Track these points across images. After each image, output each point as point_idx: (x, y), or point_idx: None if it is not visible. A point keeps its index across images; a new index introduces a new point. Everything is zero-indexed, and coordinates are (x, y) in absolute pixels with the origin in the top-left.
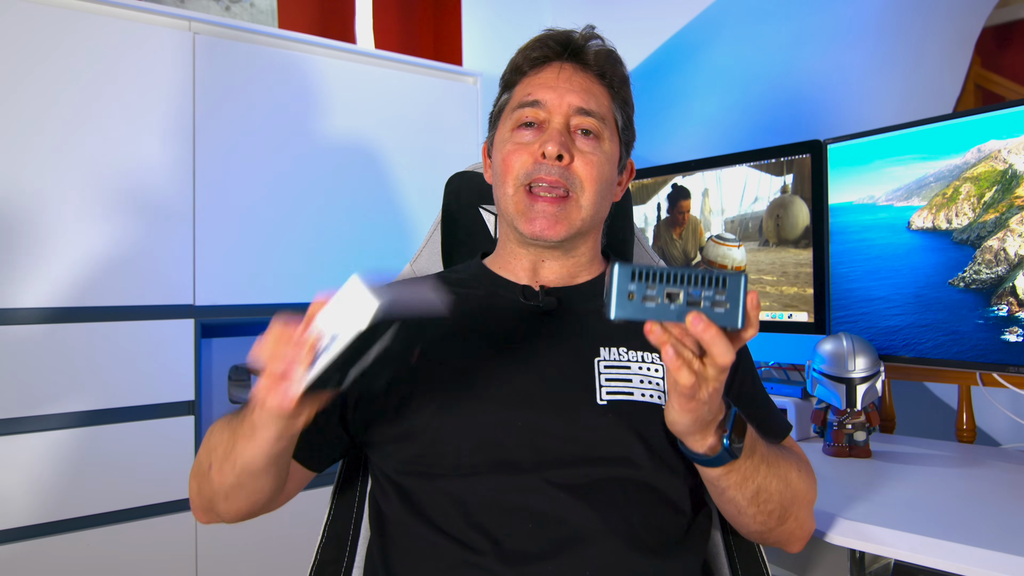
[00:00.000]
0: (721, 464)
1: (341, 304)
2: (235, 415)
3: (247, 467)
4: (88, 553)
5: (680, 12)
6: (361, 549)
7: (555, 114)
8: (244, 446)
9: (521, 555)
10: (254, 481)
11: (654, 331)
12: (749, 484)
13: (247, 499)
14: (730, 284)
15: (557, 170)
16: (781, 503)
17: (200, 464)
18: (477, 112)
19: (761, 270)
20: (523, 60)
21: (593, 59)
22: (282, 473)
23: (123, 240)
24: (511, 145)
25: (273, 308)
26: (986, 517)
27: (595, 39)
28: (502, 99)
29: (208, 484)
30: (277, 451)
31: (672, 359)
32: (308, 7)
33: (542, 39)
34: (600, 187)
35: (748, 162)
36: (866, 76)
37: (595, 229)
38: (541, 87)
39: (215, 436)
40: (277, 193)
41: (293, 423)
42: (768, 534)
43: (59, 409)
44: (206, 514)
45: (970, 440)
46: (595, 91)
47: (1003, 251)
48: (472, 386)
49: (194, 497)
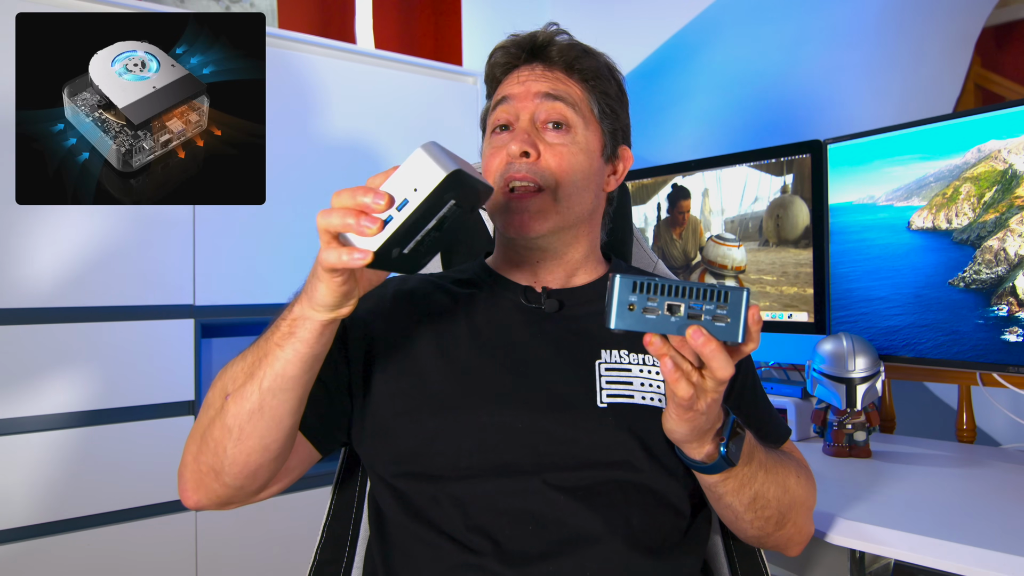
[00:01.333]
0: (718, 471)
1: (412, 169)
2: (258, 339)
3: (278, 377)
4: (88, 553)
5: (680, 12)
6: (360, 549)
7: (523, 109)
8: (278, 352)
9: (521, 556)
10: (279, 403)
11: (653, 343)
12: (746, 490)
13: (261, 435)
14: (732, 298)
15: (525, 166)
16: (779, 509)
17: (206, 411)
18: (477, 112)
19: (761, 270)
20: (492, 69)
21: (556, 54)
22: (301, 401)
23: (123, 240)
24: (489, 149)
25: (273, 308)
26: (986, 517)
27: (560, 34)
28: (485, 107)
29: (217, 427)
30: (315, 353)
31: (671, 371)
32: (308, 7)
33: (504, 46)
34: (575, 178)
35: (748, 162)
36: (866, 76)
37: (585, 224)
38: (509, 85)
39: (231, 370)
40: (277, 193)
41: (346, 301)
42: (766, 539)
43: (59, 409)
44: (203, 480)
45: (970, 440)
46: (563, 81)
47: (1003, 251)
48: (473, 387)
49: (189, 463)
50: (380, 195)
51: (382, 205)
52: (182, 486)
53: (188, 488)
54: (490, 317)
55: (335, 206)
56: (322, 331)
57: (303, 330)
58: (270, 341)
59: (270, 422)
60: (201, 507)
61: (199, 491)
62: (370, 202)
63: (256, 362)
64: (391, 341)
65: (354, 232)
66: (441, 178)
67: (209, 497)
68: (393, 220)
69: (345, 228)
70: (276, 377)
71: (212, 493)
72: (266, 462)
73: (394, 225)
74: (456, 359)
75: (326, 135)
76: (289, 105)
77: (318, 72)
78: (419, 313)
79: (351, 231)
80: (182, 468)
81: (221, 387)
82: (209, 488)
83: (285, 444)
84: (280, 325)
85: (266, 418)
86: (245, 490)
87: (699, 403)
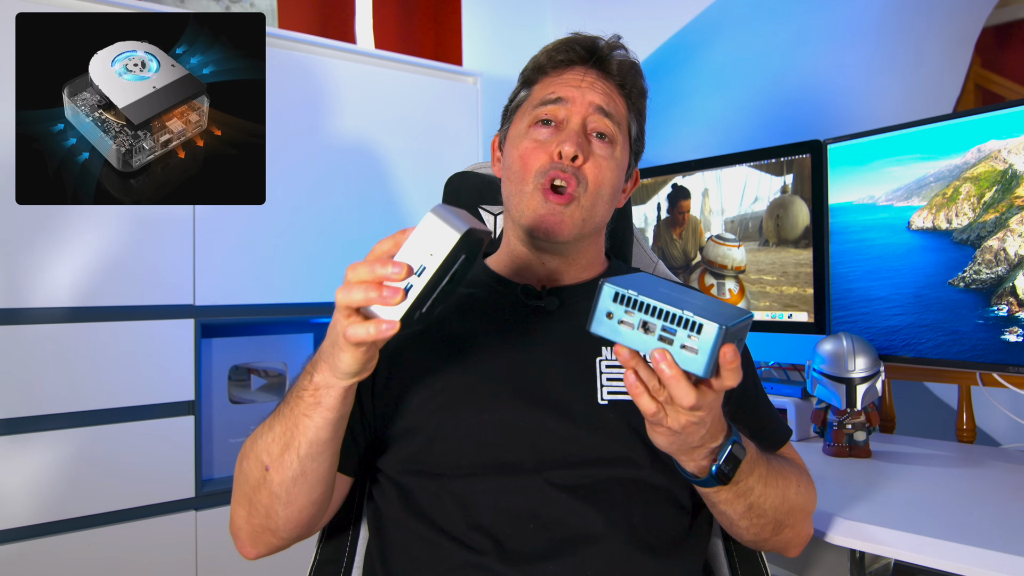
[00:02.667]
0: (709, 487)
1: (426, 234)
2: (277, 411)
3: (313, 444)
4: (88, 553)
5: (680, 12)
6: (360, 549)
7: (575, 113)
8: (308, 422)
9: (523, 555)
10: (318, 465)
11: (621, 353)
12: (741, 502)
13: (308, 495)
14: (704, 333)
15: (571, 169)
16: (776, 518)
17: (247, 480)
18: (477, 112)
19: (761, 270)
20: (547, 60)
21: (616, 69)
22: (337, 454)
23: (123, 240)
24: (528, 142)
25: (273, 308)
26: (986, 517)
27: (620, 49)
28: (520, 95)
29: (264, 494)
30: (342, 415)
31: (632, 384)
32: (308, 7)
33: (568, 42)
34: (607, 192)
35: (748, 162)
36: (866, 76)
37: (597, 233)
38: (564, 86)
39: (262, 440)
40: (277, 193)
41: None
42: (763, 543)
43: (59, 409)
44: (259, 537)
45: (970, 440)
46: (614, 98)
47: (1003, 251)
48: (474, 385)
49: (242, 525)
50: (399, 265)
51: (401, 274)
52: (239, 543)
53: (246, 545)
54: (491, 316)
55: (353, 280)
56: (346, 394)
57: (328, 398)
58: (296, 411)
59: (314, 482)
60: (260, 557)
61: (258, 546)
62: (390, 273)
63: (288, 432)
64: (395, 341)
65: (379, 304)
66: (455, 240)
67: (269, 549)
68: (414, 287)
69: (368, 302)
70: (311, 444)
71: (271, 546)
72: (316, 512)
73: (415, 292)
74: (458, 357)
75: (326, 135)
76: (289, 105)
77: (318, 72)
78: None
79: (375, 303)
80: (235, 529)
81: (255, 457)
82: (267, 543)
83: (328, 492)
84: (303, 396)
85: (310, 480)
86: (300, 538)
87: (668, 421)
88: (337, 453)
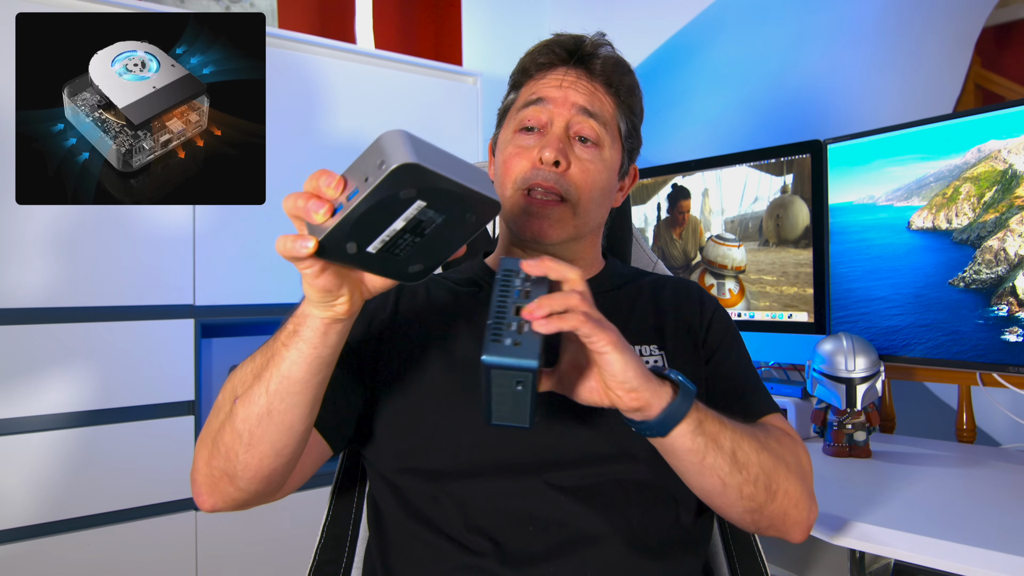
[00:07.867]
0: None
1: (368, 156)
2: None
3: (284, 379)
4: (88, 553)
5: (680, 12)
6: (360, 549)
7: (558, 115)
8: (284, 353)
9: (522, 557)
10: (287, 407)
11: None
12: (724, 441)
13: (271, 440)
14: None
15: (553, 176)
16: (762, 468)
17: (216, 415)
18: (477, 112)
19: (761, 270)
20: (530, 63)
21: (600, 67)
22: (310, 409)
23: (123, 240)
24: (512, 148)
25: (273, 308)
26: (986, 517)
27: (605, 46)
28: (508, 98)
29: (228, 431)
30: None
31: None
32: (308, 7)
33: (550, 44)
34: (595, 195)
35: (748, 162)
36: (866, 76)
37: (593, 234)
38: (546, 87)
39: (240, 371)
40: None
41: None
42: (759, 513)
43: (59, 409)
44: (217, 484)
45: (970, 440)
46: (600, 97)
47: (1003, 251)
48: (472, 384)
49: (201, 468)
50: (331, 176)
51: (331, 187)
52: (196, 490)
53: (203, 492)
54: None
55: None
56: (326, 331)
57: (306, 328)
58: (277, 341)
59: (280, 427)
60: (216, 510)
61: (214, 495)
62: (321, 184)
63: (264, 363)
64: (394, 337)
65: (303, 216)
66: (388, 170)
67: (224, 501)
68: (343, 209)
69: (296, 211)
70: (282, 379)
71: (227, 497)
72: (279, 466)
73: (342, 214)
74: (456, 356)
75: (326, 135)
76: (289, 105)
77: (318, 72)
78: (421, 310)
79: (300, 215)
80: (194, 472)
81: (231, 389)
82: (224, 492)
83: (298, 448)
84: (286, 326)
85: (275, 423)
86: (260, 493)
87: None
88: (311, 406)
